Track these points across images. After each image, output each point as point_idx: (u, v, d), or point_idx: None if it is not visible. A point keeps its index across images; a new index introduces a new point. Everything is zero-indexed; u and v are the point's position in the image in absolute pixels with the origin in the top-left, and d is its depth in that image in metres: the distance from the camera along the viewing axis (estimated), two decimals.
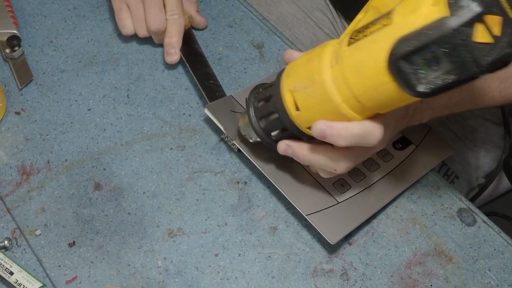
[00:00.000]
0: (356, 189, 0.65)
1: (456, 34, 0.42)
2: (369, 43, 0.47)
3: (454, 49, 0.43)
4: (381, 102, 0.49)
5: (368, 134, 0.52)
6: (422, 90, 0.45)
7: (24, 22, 0.79)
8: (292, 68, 0.55)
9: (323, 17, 0.94)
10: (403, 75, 0.45)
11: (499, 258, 0.65)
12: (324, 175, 0.60)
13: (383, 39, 0.46)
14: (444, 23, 0.42)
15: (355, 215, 0.63)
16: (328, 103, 0.51)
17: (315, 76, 0.51)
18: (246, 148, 0.66)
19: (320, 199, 0.64)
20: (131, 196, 0.66)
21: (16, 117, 0.70)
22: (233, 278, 0.61)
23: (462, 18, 0.42)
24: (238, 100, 0.70)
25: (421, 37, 0.43)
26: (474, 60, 0.42)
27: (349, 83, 0.49)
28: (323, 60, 0.51)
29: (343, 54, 0.49)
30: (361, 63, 0.48)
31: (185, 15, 0.77)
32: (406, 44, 0.44)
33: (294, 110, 0.55)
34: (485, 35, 0.42)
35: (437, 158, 0.70)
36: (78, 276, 0.60)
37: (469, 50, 0.42)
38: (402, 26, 0.45)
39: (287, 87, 0.55)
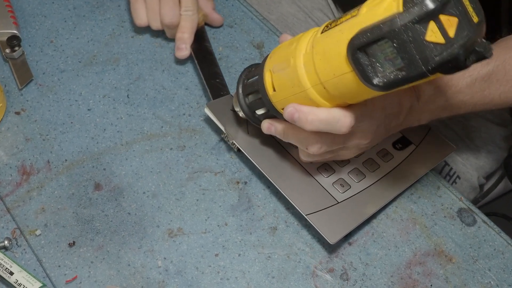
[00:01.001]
0: (355, 189, 0.65)
1: (405, 30, 0.42)
2: (337, 32, 0.48)
3: (403, 45, 0.43)
4: (344, 91, 0.50)
5: (336, 121, 0.53)
6: (376, 83, 0.46)
7: (24, 22, 0.79)
8: (276, 50, 0.57)
9: (323, 17, 0.94)
10: (359, 66, 0.46)
11: (499, 258, 0.65)
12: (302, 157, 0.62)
13: (348, 29, 0.47)
14: (395, 18, 0.42)
15: (354, 215, 0.63)
16: (298, 87, 0.53)
17: (290, 59, 0.53)
18: (246, 148, 0.66)
19: (320, 199, 0.64)
20: (131, 196, 0.66)
21: (16, 117, 0.70)
22: (233, 278, 0.61)
23: (412, 15, 0.42)
24: None
25: (375, 30, 0.44)
26: (422, 58, 0.42)
27: (316, 69, 0.50)
28: (300, 44, 0.53)
29: (316, 40, 0.51)
30: (328, 51, 0.49)
31: (200, 12, 0.78)
32: (361, 36, 0.45)
33: (271, 90, 0.57)
34: (437, 35, 0.42)
35: (437, 158, 0.70)
36: (78, 276, 0.60)
37: (418, 48, 0.42)
38: (366, 18, 0.46)
39: (268, 67, 0.57)
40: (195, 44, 0.77)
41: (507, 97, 0.64)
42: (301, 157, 0.62)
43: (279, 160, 0.66)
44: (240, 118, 0.67)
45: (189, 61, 0.77)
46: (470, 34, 0.43)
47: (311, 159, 0.62)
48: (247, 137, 0.67)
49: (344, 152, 0.62)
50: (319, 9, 0.94)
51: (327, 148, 0.58)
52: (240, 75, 0.63)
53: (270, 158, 0.66)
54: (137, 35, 0.79)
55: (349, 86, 0.49)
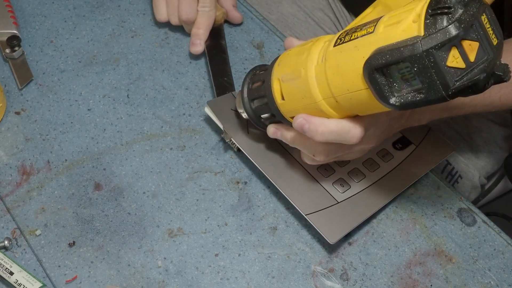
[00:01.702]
0: (355, 188, 0.65)
1: (426, 55, 0.42)
2: (352, 48, 0.48)
3: (424, 70, 0.42)
4: (357, 106, 0.50)
5: (346, 132, 0.53)
6: (393, 102, 0.45)
7: (24, 22, 0.79)
8: (284, 57, 0.57)
9: (324, 17, 0.94)
10: (376, 85, 0.45)
11: (499, 258, 0.65)
12: (307, 161, 0.62)
13: (364, 46, 0.46)
14: (417, 43, 0.42)
15: (354, 215, 0.63)
16: (309, 98, 0.52)
17: (301, 70, 0.53)
18: (246, 148, 0.66)
19: (320, 199, 0.64)
20: (131, 196, 0.66)
21: (16, 117, 0.70)
22: (233, 278, 0.61)
23: (434, 41, 0.41)
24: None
25: (395, 53, 0.43)
26: (442, 83, 0.42)
27: (329, 83, 0.50)
28: (311, 55, 0.52)
29: (328, 53, 0.50)
30: (342, 66, 0.48)
31: (220, 10, 0.79)
32: (380, 57, 0.44)
33: (280, 98, 0.56)
34: (458, 60, 0.42)
35: (437, 158, 0.70)
36: (78, 276, 0.60)
37: (438, 73, 0.42)
38: (383, 37, 0.45)
39: (276, 75, 0.56)
40: (210, 41, 0.77)
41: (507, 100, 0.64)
42: (306, 161, 0.62)
43: (279, 160, 0.66)
44: (240, 117, 0.67)
45: (189, 61, 0.77)
46: (490, 57, 0.43)
47: (315, 163, 0.62)
48: (247, 137, 0.67)
49: (348, 155, 0.62)
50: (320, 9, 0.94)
51: (333, 155, 0.59)
52: (245, 78, 0.62)
53: (270, 158, 0.66)
54: (137, 35, 0.79)
55: (363, 101, 0.49)
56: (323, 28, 0.94)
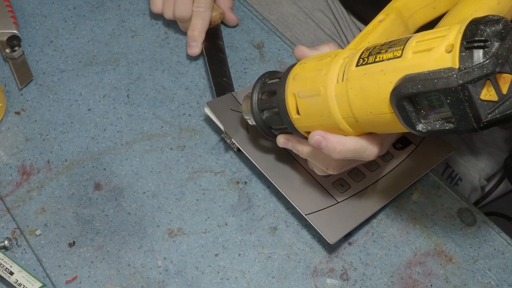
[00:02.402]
0: (355, 188, 0.65)
1: (461, 89, 0.41)
2: (377, 72, 0.46)
3: (457, 103, 0.41)
4: (379, 127, 0.50)
5: (363, 151, 0.53)
6: (420, 129, 0.45)
7: (24, 22, 0.79)
8: (299, 72, 0.55)
9: (324, 18, 0.94)
10: (404, 112, 0.45)
11: (499, 258, 0.65)
12: (318, 173, 0.61)
13: (391, 71, 0.45)
14: (452, 76, 0.41)
15: (354, 214, 0.63)
16: (328, 116, 0.51)
17: (320, 88, 0.51)
18: (246, 148, 0.66)
19: (320, 199, 0.64)
20: (131, 196, 0.66)
21: (16, 117, 0.70)
22: (233, 278, 0.61)
23: (470, 76, 0.40)
24: (238, 99, 0.70)
25: (428, 83, 0.42)
26: (474, 116, 0.41)
27: (350, 104, 0.49)
28: (331, 72, 0.51)
29: (350, 73, 0.49)
30: (366, 88, 0.47)
31: (217, 10, 0.78)
32: (411, 86, 0.43)
33: (294, 113, 0.55)
34: (491, 93, 0.41)
35: (437, 158, 0.70)
36: (78, 276, 0.60)
37: (472, 107, 0.41)
38: (412, 64, 0.44)
39: (292, 90, 0.55)
40: (207, 41, 0.77)
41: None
42: (316, 172, 0.61)
43: (279, 160, 0.66)
44: (240, 117, 0.67)
45: (189, 61, 0.77)
46: None
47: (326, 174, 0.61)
48: (247, 137, 0.67)
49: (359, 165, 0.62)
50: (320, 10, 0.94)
51: (346, 167, 0.58)
52: (254, 86, 0.61)
53: (270, 158, 0.66)
54: (137, 35, 0.79)
55: (385, 124, 0.48)
56: (323, 29, 0.94)
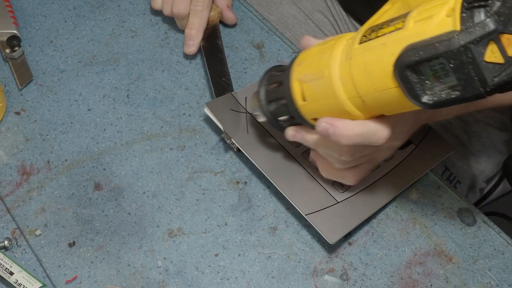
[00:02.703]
0: (355, 188, 0.65)
1: (464, 51, 0.40)
2: (380, 45, 0.46)
3: (461, 66, 0.40)
4: (385, 105, 0.48)
5: (372, 135, 0.51)
6: (425, 101, 0.44)
7: (24, 22, 0.79)
8: (304, 57, 0.55)
9: (323, 19, 0.94)
10: (408, 83, 0.44)
11: (499, 258, 0.65)
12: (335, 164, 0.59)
13: (393, 43, 0.44)
14: (453, 38, 0.40)
15: (354, 214, 0.63)
16: (333, 99, 0.50)
17: (324, 70, 0.51)
18: (246, 148, 0.66)
19: (320, 199, 0.64)
20: (131, 196, 0.66)
21: (16, 117, 0.70)
22: (233, 278, 0.61)
23: (472, 36, 0.39)
24: (238, 99, 0.70)
25: (429, 48, 0.41)
26: (480, 79, 0.40)
27: (355, 82, 0.48)
28: (334, 54, 0.50)
29: (353, 51, 0.48)
30: (369, 64, 0.47)
31: (215, 10, 0.78)
32: (413, 53, 0.42)
33: (301, 100, 0.54)
34: (496, 54, 0.40)
35: (437, 158, 0.70)
36: (78, 276, 0.60)
37: (476, 69, 0.40)
38: (414, 33, 0.43)
39: (296, 76, 0.54)
40: (206, 41, 0.77)
41: None
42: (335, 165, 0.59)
43: (279, 160, 0.66)
44: (239, 118, 0.67)
45: (189, 61, 0.77)
46: None
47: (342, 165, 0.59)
48: (247, 137, 0.67)
49: (378, 155, 0.61)
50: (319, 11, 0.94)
51: (360, 154, 0.57)
52: (261, 80, 0.60)
53: (270, 158, 0.66)
54: (137, 35, 0.79)
55: (391, 101, 0.47)
56: (323, 30, 0.94)
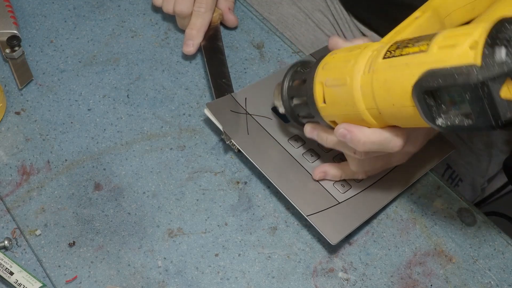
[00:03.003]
0: (356, 189, 0.65)
1: (481, 86, 0.41)
2: (402, 65, 0.47)
3: (476, 99, 0.42)
4: (402, 120, 0.50)
5: (388, 142, 0.53)
6: (439, 124, 0.45)
7: (24, 22, 0.79)
8: (329, 61, 0.56)
9: (323, 19, 0.94)
10: (424, 106, 0.45)
11: (499, 258, 0.65)
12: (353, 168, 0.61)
13: (415, 65, 0.46)
14: (473, 73, 0.41)
15: (355, 215, 0.63)
16: (352, 106, 0.52)
17: (346, 78, 0.52)
18: (246, 148, 0.66)
19: (321, 200, 0.64)
20: (131, 196, 0.66)
21: (16, 117, 0.70)
22: (233, 278, 0.61)
23: (491, 73, 0.41)
24: (238, 100, 0.70)
25: (448, 78, 0.43)
26: (493, 114, 0.42)
27: (375, 95, 0.50)
28: (358, 64, 0.52)
29: (377, 65, 0.50)
30: (390, 80, 0.48)
31: (216, 11, 0.78)
32: (433, 80, 0.44)
33: (321, 102, 0.56)
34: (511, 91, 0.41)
35: (438, 158, 0.70)
36: (78, 276, 0.60)
37: (491, 104, 0.41)
38: (436, 59, 0.44)
39: (320, 78, 0.56)
40: (206, 42, 0.77)
41: None
42: (352, 167, 0.62)
43: (279, 160, 0.66)
44: (239, 118, 0.67)
45: (189, 61, 0.77)
46: None
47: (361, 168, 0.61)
48: (247, 138, 0.67)
49: (394, 159, 0.62)
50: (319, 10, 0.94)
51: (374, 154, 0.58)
52: (286, 73, 0.62)
53: (270, 159, 0.66)
54: (137, 35, 0.79)
55: (407, 117, 0.49)
56: (323, 30, 0.94)
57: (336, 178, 0.65)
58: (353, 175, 0.64)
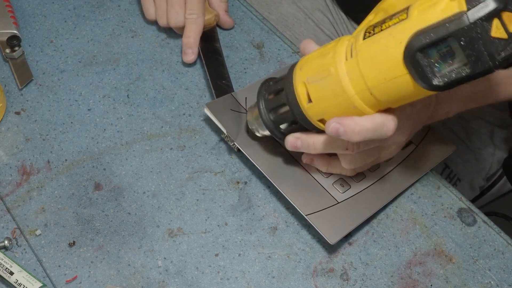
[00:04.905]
0: (356, 189, 0.65)
1: (474, 27, 0.43)
2: (386, 36, 0.48)
3: (471, 43, 0.43)
4: (394, 95, 0.50)
5: (381, 127, 0.53)
6: (436, 83, 0.46)
7: (24, 22, 0.79)
8: (306, 61, 0.56)
9: (323, 18, 0.94)
10: (419, 67, 0.46)
11: (499, 258, 0.65)
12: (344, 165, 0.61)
13: (401, 32, 0.47)
14: (463, 17, 0.43)
15: (355, 215, 0.63)
16: (342, 95, 0.52)
17: (330, 68, 0.52)
18: (246, 148, 0.66)
19: (320, 199, 0.64)
20: (131, 196, 0.66)
21: (16, 117, 0.70)
22: (233, 278, 0.61)
23: (480, 13, 0.43)
24: (238, 99, 0.70)
25: (440, 30, 0.44)
26: (489, 54, 0.43)
27: (363, 76, 0.50)
28: (338, 53, 0.52)
29: (359, 47, 0.50)
30: (377, 55, 0.49)
31: (211, 13, 0.78)
32: (424, 37, 0.45)
33: (306, 102, 0.56)
34: (501, 31, 0.43)
35: (437, 158, 0.70)
36: (78, 276, 0.60)
37: (485, 44, 0.43)
38: (420, 20, 0.46)
39: (300, 79, 0.56)
40: (204, 44, 0.77)
41: None
42: (344, 165, 0.61)
43: (279, 160, 0.66)
44: (240, 118, 0.67)
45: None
46: None
47: (353, 165, 0.61)
48: (247, 137, 0.67)
49: (385, 153, 0.62)
50: (319, 9, 0.94)
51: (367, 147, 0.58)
52: (259, 91, 0.61)
53: (270, 158, 0.66)
54: (137, 35, 0.79)
55: (401, 89, 0.49)
56: (322, 29, 0.94)
57: (322, 169, 0.64)
58: (340, 171, 0.64)
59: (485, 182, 0.94)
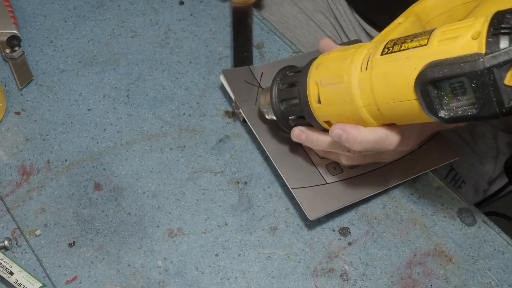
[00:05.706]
0: (347, 174, 0.66)
1: (487, 73, 0.42)
2: (403, 59, 0.48)
3: (482, 86, 0.43)
4: (400, 115, 0.50)
5: (383, 140, 0.54)
6: (442, 115, 0.46)
7: (24, 22, 0.79)
8: (323, 61, 0.56)
9: (325, 20, 0.94)
10: (427, 97, 0.46)
11: (499, 258, 0.65)
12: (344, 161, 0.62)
13: (418, 58, 0.47)
14: (479, 60, 0.42)
15: (340, 197, 0.64)
16: (350, 104, 0.52)
17: (343, 76, 0.53)
18: (251, 119, 0.67)
19: (309, 177, 0.65)
20: (131, 196, 0.66)
21: (16, 117, 0.70)
22: (233, 278, 0.61)
23: (497, 60, 0.42)
24: (254, 73, 0.71)
25: (454, 67, 0.44)
26: (498, 101, 0.43)
27: (374, 91, 0.50)
28: (355, 62, 0.52)
29: (375, 61, 0.50)
30: (390, 75, 0.49)
31: None
32: (437, 70, 0.44)
33: (315, 102, 0.56)
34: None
35: (438, 161, 0.69)
36: (78, 276, 0.60)
37: (496, 91, 0.43)
38: (438, 51, 0.45)
39: (314, 78, 0.56)
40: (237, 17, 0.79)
41: None
42: (343, 161, 0.62)
43: (280, 136, 0.67)
44: (251, 90, 0.69)
45: (189, 61, 0.77)
46: None
47: (351, 164, 0.62)
48: (254, 109, 0.68)
49: (386, 157, 0.63)
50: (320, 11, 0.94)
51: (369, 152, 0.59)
52: (274, 78, 0.63)
53: (272, 133, 0.67)
54: (137, 35, 0.79)
55: (407, 112, 0.49)
56: (324, 31, 0.94)
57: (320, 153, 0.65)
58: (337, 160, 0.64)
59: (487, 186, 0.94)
